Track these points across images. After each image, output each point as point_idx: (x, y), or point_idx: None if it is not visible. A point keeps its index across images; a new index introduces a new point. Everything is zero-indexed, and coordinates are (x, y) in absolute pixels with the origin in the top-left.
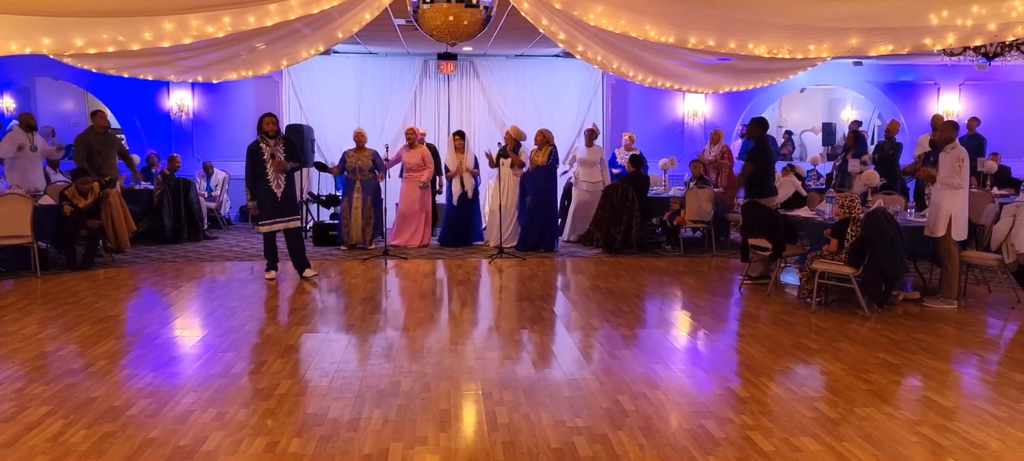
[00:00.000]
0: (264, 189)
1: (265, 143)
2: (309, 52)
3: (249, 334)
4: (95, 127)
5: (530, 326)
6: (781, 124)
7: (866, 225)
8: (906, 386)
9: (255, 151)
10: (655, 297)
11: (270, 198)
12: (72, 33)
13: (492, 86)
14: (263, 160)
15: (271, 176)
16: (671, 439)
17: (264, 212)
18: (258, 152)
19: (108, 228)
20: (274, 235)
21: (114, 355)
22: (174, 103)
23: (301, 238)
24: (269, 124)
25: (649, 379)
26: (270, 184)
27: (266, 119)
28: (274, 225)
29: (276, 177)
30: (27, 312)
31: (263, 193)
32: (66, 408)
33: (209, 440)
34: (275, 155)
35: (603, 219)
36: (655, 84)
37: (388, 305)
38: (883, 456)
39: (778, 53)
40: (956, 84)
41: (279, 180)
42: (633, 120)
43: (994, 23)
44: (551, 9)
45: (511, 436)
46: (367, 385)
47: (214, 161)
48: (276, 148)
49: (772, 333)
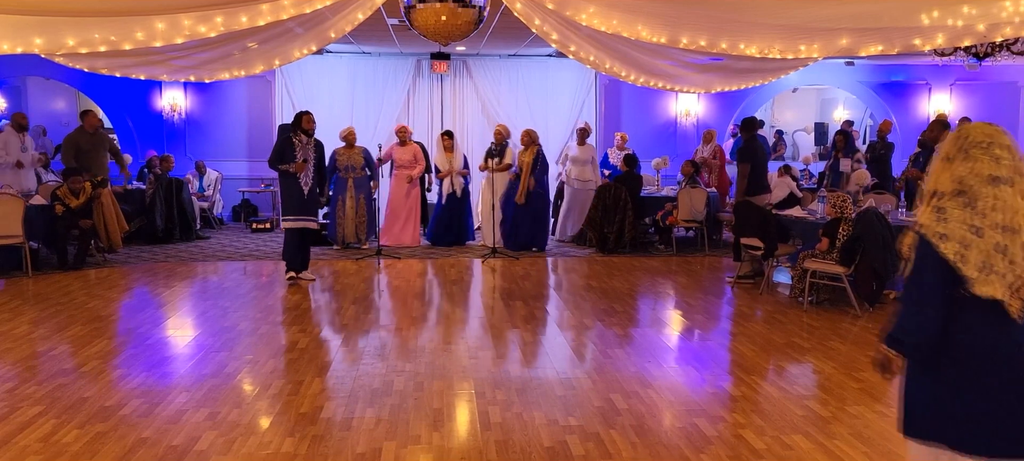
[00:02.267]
0: (292, 185)
1: (299, 140)
2: (302, 52)
3: (242, 334)
4: (85, 127)
5: (523, 325)
6: (774, 124)
7: (857, 224)
8: (897, 384)
9: (286, 145)
10: (648, 296)
11: (298, 194)
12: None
13: (485, 86)
14: (293, 154)
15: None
16: (663, 438)
17: (289, 208)
18: (289, 147)
19: (100, 228)
20: (297, 234)
21: (106, 355)
22: (166, 103)
23: (310, 240)
24: (308, 122)
25: (642, 378)
26: (299, 180)
27: (305, 117)
28: (298, 222)
29: (305, 175)
30: (19, 312)
31: (291, 189)
32: (58, 408)
33: (202, 440)
34: (306, 155)
35: (596, 219)
36: (648, 84)
37: (381, 304)
38: (874, 454)
39: (769, 53)
40: (947, 84)
41: (307, 177)
42: (626, 120)
43: (983, 23)
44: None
45: (504, 435)
46: (360, 384)
47: (206, 161)
48: (307, 148)
49: (764, 332)
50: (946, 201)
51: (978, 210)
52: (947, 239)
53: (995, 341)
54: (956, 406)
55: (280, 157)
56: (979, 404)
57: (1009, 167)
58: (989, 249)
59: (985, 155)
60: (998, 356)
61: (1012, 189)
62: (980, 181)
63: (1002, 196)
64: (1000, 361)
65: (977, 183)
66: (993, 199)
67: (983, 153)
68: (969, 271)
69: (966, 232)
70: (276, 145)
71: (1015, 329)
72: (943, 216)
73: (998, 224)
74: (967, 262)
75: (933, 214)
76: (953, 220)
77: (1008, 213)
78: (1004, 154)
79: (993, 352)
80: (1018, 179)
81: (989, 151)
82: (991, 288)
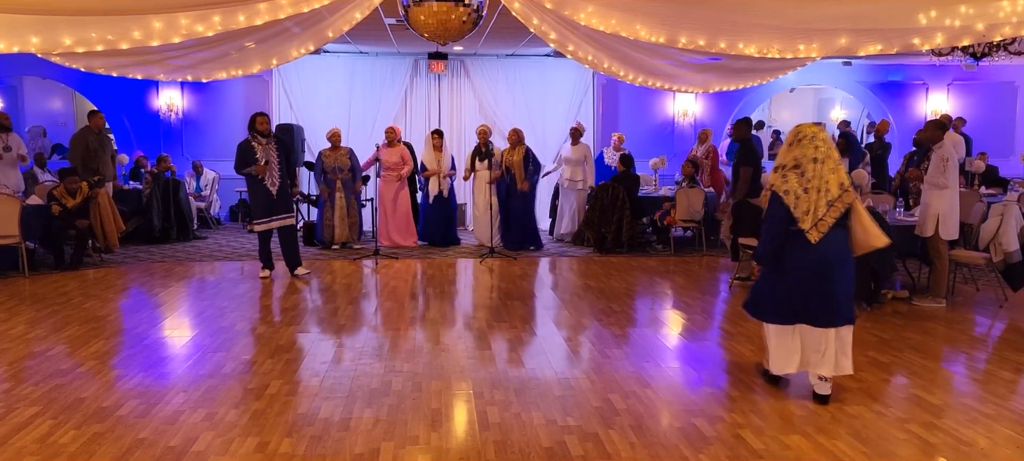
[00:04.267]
0: (259, 188)
1: (257, 142)
2: (299, 51)
3: (239, 334)
4: (92, 126)
5: (521, 325)
6: (771, 124)
7: None
8: (895, 384)
9: (246, 150)
10: (646, 296)
11: (265, 196)
12: (61, 32)
13: (483, 86)
14: (255, 159)
15: (265, 175)
16: (662, 438)
17: (258, 211)
18: (250, 151)
19: (97, 228)
20: (269, 234)
21: (103, 355)
22: (163, 102)
23: (295, 236)
24: (262, 123)
25: (640, 378)
26: (264, 182)
27: (259, 118)
28: (269, 224)
29: (270, 175)
30: (15, 312)
31: (258, 192)
32: (55, 408)
33: (199, 440)
34: (267, 156)
35: (594, 219)
36: (646, 83)
37: (379, 304)
38: (873, 454)
39: (768, 53)
40: (944, 84)
41: (273, 178)
42: (624, 119)
43: (982, 23)
44: (542, 9)
45: (502, 435)
46: (358, 385)
47: (203, 161)
48: (268, 148)
49: (762, 332)
50: (788, 172)
51: (805, 177)
52: (788, 194)
53: (802, 255)
54: (781, 294)
55: (243, 162)
56: (791, 292)
57: (824, 152)
58: (809, 201)
59: (810, 144)
60: (803, 264)
61: (824, 165)
62: (807, 160)
63: (818, 170)
64: (803, 266)
65: (805, 161)
66: (813, 171)
67: (809, 142)
68: (797, 214)
69: (799, 190)
70: (238, 152)
71: (811, 248)
72: (786, 181)
73: (815, 187)
74: (797, 208)
75: (780, 179)
76: (791, 182)
77: (820, 180)
78: (821, 144)
79: (800, 261)
80: (828, 160)
81: (813, 142)
82: (805, 224)
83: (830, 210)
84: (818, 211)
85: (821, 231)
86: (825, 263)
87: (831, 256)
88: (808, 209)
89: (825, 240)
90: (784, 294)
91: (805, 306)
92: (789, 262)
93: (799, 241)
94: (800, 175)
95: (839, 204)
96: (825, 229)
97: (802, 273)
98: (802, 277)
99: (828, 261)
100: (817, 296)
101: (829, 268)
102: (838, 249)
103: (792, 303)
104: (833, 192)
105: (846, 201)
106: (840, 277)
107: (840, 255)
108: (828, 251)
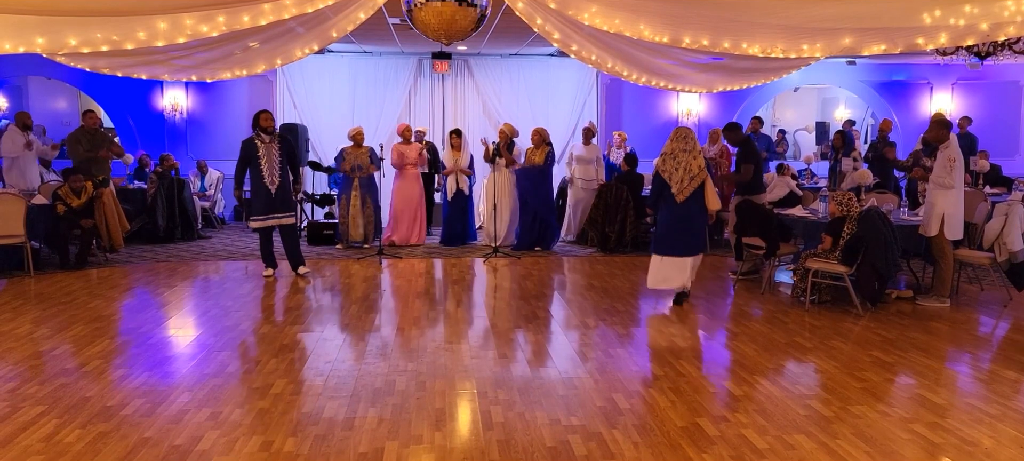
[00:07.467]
0: (259, 185)
1: (260, 140)
2: (303, 51)
3: (244, 333)
4: (86, 125)
5: (525, 325)
6: (775, 123)
7: (860, 224)
8: (899, 384)
9: (250, 147)
10: (649, 296)
11: (264, 194)
12: (66, 32)
13: (486, 85)
14: (257, 157)
15: (265, 172)
16: (666, 437)
17: (257, 208)
18: (253, 149)
19: (101, 227)
20: (270, 233)
21: (108, 355)
22: (168, 102)
23: (296, 235)
24: (266, 120)
25: (644, 377)
26: (264, 180)
27: (263, 115)
28: (267, 221)
29: (271, 173)
30: (20, 312)
31: (258, 189)
32: (60, 408)
33: (204, 439)
34: (269, 153)
35: (598, 218)
36: (649, 83)
37: (383, 304)
38: (877, 454)
39: (772, 53)
40: (949, 83)
41: (273, 176)
42: (627, 119)
43: (986, 23)
44: (545, 8)
45: (506, 435)
46: (362, 384)
47: (208, 160)
48: (271, 146)
49: (766, 331)
50: (667, 157)
51: (676, 161)
52: (664, 171)
53: (671, 206)
54: (660, 233)
55: (245, 167)
56: (665, 232)
57: (690, 146)
58: (677, 175)
59: (682, 141)
60: (670, 213)
61: (689, 154)
62: (680, 150)
63: (685, 158)
64: (670, 214)
65: (677, 150)
66: (682, 158)
67: (682, 139)
68: (671, 182)
69: (672, 168)
70: (242, 148)
71: (677, 204)
72: (664, 162)
73: (681, 165)
74: (671, 179)
75: (661, 161)
76: (667, 163)
77: (686, 163)
78: (688, 141)
79: (669, 211)
80: (692, 147)
81: (685, 139)
82: (674, 189)
83: (691, 182)
84: (683, 182)
85: (684, 195)
86: (686, 216)
87: (691, 211)
88: (678, 181)
89: (686, 201)
90: (660, 234)
91: (673, 244)
92: (663, 214)
93: (672, 201)
94: (673, 159)
95: (698, 179)
96: (687, 194)
97: (672, 221)
98: (670, 224)
99: (688, 215)
100: (681, 236)
101: (688, 220)
102: (695, 207)
103: (665, 240)
104: (693, 171)
105: (701, 178)
106: (696, 225)
107: (696, 210)
108: (689, 208)
